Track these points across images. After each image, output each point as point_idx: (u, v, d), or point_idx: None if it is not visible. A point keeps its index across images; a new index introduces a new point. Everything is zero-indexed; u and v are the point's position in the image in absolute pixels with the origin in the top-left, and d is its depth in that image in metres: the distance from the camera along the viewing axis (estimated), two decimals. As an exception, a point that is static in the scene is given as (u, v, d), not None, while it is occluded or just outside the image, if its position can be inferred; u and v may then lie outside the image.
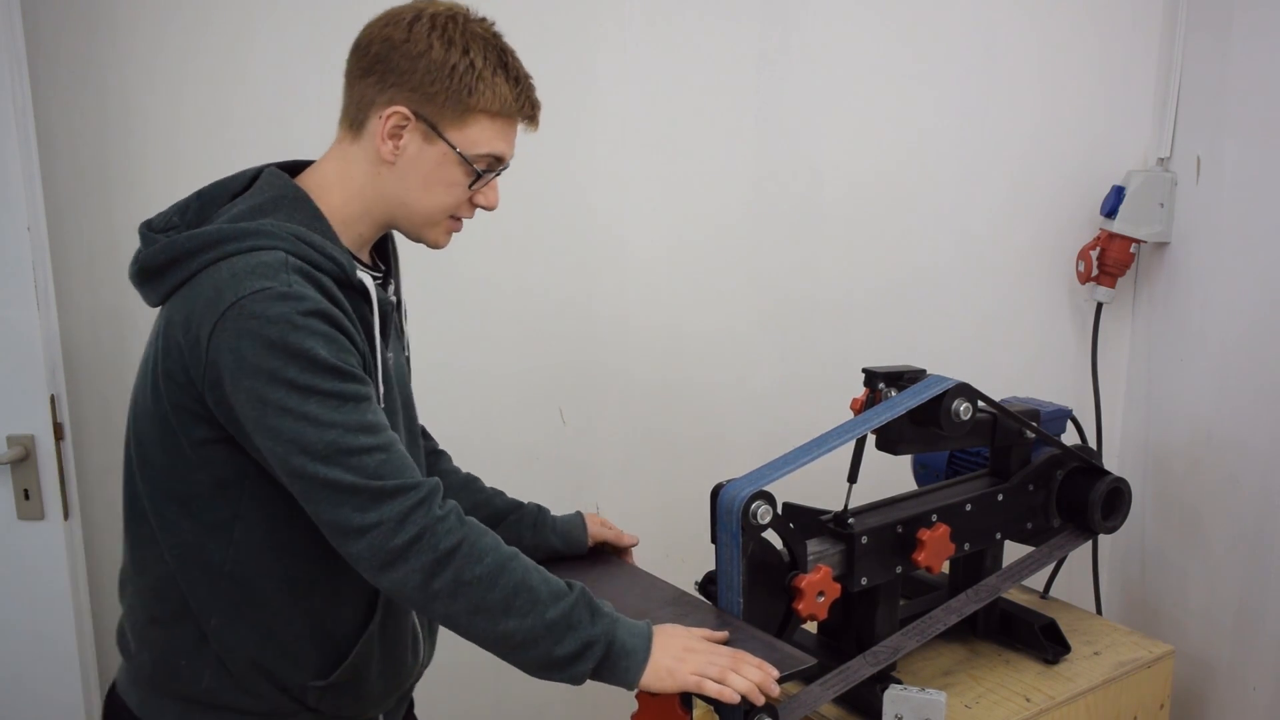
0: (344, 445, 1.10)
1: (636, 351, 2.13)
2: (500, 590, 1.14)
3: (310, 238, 1.17)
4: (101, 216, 1.87)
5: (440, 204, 1.24)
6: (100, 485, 1.95)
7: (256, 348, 1.09)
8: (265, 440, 1.12)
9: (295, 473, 1.11)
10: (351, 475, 1.10)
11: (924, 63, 2.16)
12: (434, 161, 1.21)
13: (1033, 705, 1.61)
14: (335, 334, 1.13)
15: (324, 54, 1.87)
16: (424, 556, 1.12)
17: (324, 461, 1.10)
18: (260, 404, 1.10)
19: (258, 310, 1.09)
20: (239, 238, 1.15)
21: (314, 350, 1.10)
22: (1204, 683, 2.09)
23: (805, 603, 1.46)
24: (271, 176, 1.24)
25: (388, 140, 1.21)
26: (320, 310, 1.12)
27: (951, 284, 2.27)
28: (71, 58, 1.81)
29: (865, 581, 1.55)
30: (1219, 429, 2.06)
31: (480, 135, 1.22)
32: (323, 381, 1.10)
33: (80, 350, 1.90)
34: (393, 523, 1.11)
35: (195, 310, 1.13)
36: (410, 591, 1.13)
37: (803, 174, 2.14)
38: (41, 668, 1.85)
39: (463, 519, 1.15)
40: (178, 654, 1.23)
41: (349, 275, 1.19)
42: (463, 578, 1.13)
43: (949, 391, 1.54)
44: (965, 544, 1.65)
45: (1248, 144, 1.99)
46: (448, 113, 1.20)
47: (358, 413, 1.12)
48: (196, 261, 1.15)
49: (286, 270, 1.12)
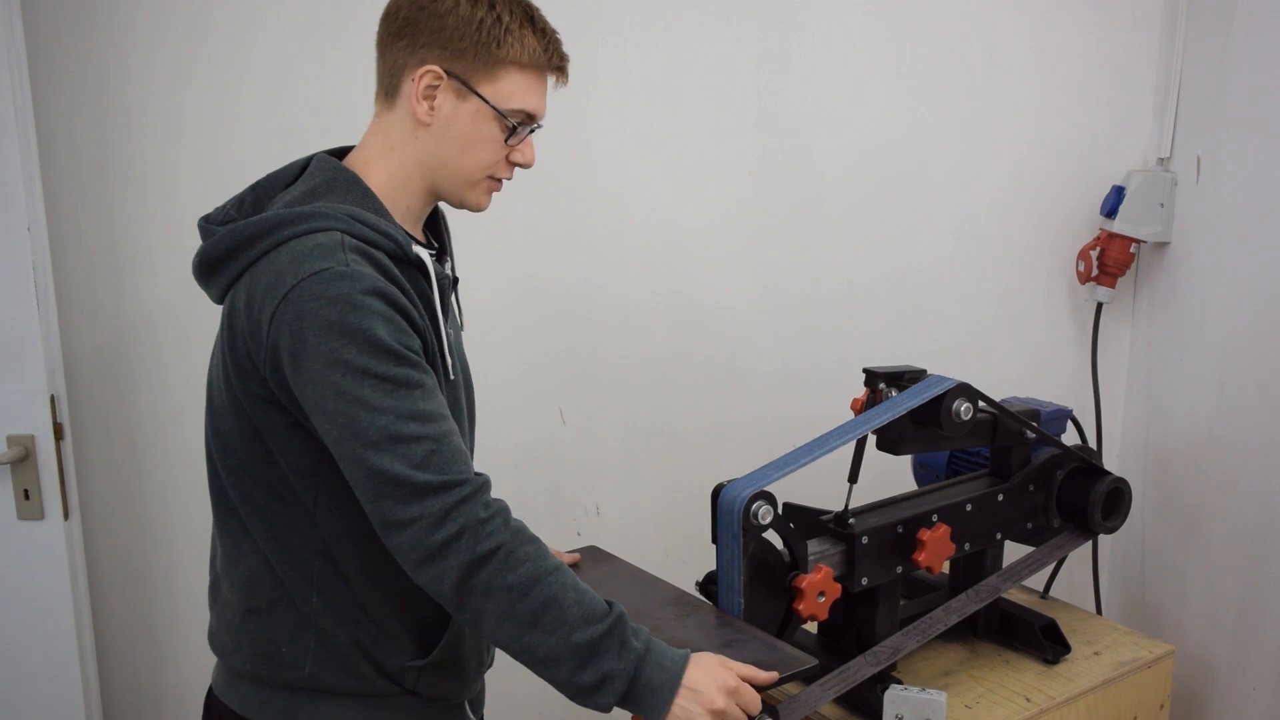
0: (394, 432, 1.10)
1: (637, 351, 2.13)
2: (530, 602, 1.12)
3: (365, 216, 1.18)
4: (101, 216, 1.87)
5: (478, 162, 1.24)
6: (100, 485, 1.95)
7: (316, 329, 1.10)
8: (322, 422, 1.12)
9: (346, 457, 1.12)
10: (398, 464, 1.09)
11: (924, 62, 2.16)
12: (469, 118, 1.22)
13: (1033, 705, 1.61)
14: (394, 314, 1.13)
15: (324, 54, 1.88)
16: (462, 556, 1.11)
17: (373, 448, 1.09)
18: (318, 385, 1.10)
19: (317, 291, 1.10)
20: (295, 221, 1.16)
21: (372, 331, 1.10)
22: (1204, 683, 2.09)
23: (806, 603, 1.46)
24: (321, 162, 1.26)
25: (422, 101, 1.21)
26: (379, 289, 1.12)
27: (951, 283, 2.27)
28: (71, 58, 1.81)
29: (866, 581, 1.55)
30: (1219, 429, 2.06)
31: (512, 88, 1.22)
32: (379, 365, 1.10)
33: (80, 350, 1.90)
34: (433, 518, 1.10)
35: (256, 295, 1.14)
36: (446, 589, 1.12)
37: (802, 174, 2.14)
38: (41, 667, 1.85)
39: (508, 522, 1.14)
40: (278, 641, 1.24)
41: (405, 251, 1.19)
42: (495, 582, 1.11)
43: (949, 391, 1.54)
44: (965, 544, 1.65)
45: (1248, 144, 1.99)
46: (478, 67, 1.20)
47: (410, 399, 1.12)
48: (256, 249, 1.16)
49: (344, 250, 1.13)
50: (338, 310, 1.09)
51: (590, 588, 1.17)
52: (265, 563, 1.24)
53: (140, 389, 1.94)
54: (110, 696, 2.02)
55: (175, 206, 1.88)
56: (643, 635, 1.18)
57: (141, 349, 1.92)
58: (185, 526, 1.99)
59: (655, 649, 1.17)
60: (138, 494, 1.97)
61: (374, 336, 1.10)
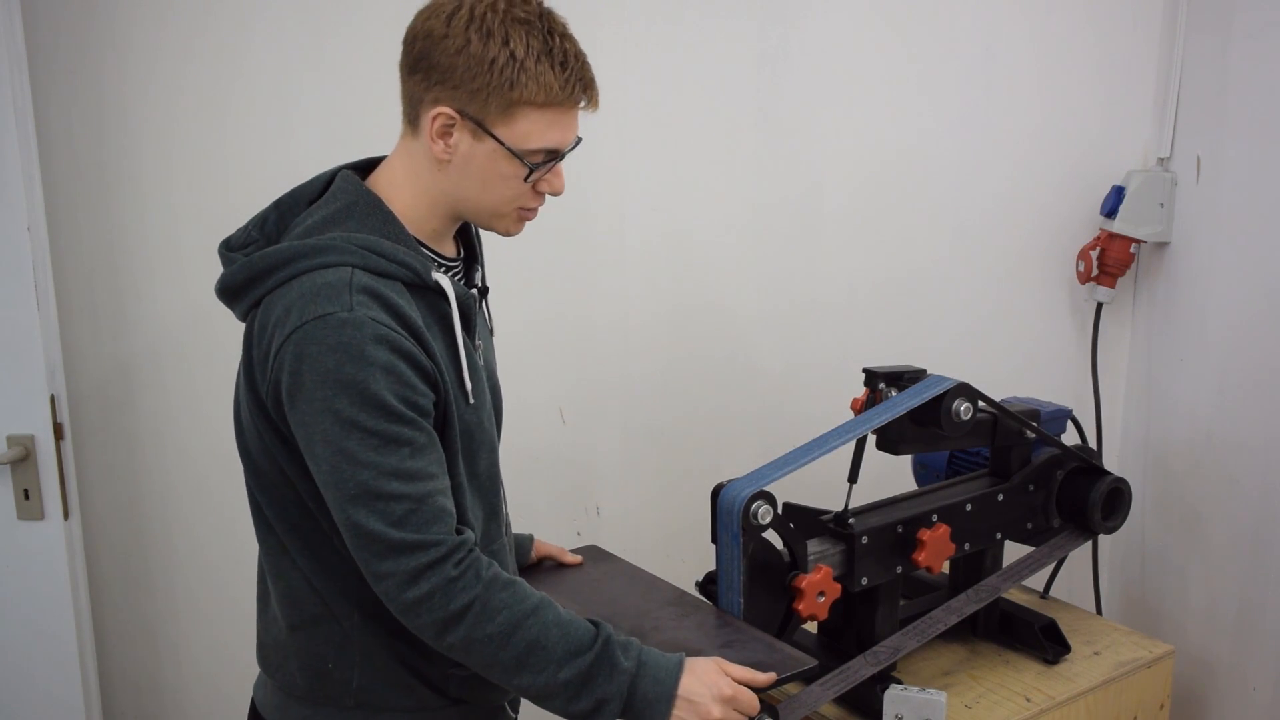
0: (373, 488, 1.10)
1: (636, 351, 2.13)
2: (513, 649, 1.14)
3: (381, 246, 1.16)
4: (101, 216, 1.87)
5: (500, 197, 1.22)
6: (100, 485, 1.95)
7: (313, 374, 1.10)
8: (311, 465, 1.14)
9: (330, 503, 1.13)
10: (373, 521, 1.10)
11: (924, 62, 2.16)
12: (486, 158, 1.19)
13: (1033, 705, 1.61)
14: (397, 362, 1.12)
15: (322, 54, 1.88)
16: (434, 614, 1.12)
17: (352, 501, 1.10)
18: (309, 429, 1.11)
19: (318, 336, 1.10)
20: (308, 255, 1.15)
21: (367, 384, 1.10)
22: (1204, 683, 2.09)
23: (805, 603, 1.46)
24: (344, 181, 1.24)
25: (438, 140, 1.18)
26: (383, 336, 1.11)
27: (951, 283, 2.27)
28: (71, 58, 1.81)
29: (865, 581, 1.55)
30: (1219, 429, 2.06)
31: (530, 128, 1.18)
32: (368, 419, 1.10)
33: (80, 350, 1.90)
34: (404, 576, 1.11)
35: (267, 328, 1.15)
36: (427, 639, 1.15)
37: (802, 174, 2.14)
38: (41, 668, 1.85)
39: (480, 575, 1.14)
40: (324, 657, 1.24)
41: (424, 279, 1.18)
42: (474, 636, 1.13)
43: (949, 391, 1.54)
44: (965, 544, 1.65)
45: (1248, 144, 1.99)
46: (492, 108, 1.16)
47: (397, 456, 1.11)
48: (272, 279, 1.16)
49: (351, 291, 1.12)
50: (335, 359, 1.09)
51: (574, 615, 1.18)
52: (305, 580, 1.24)
53: (140, 389, 1.94)
54: (110, 696, 2.02)
55: (174, 206, 1.88)
56: (633, 651, 1.18)
57: (141, 349, 1.92)
58: (185, 526, 1.99)
59: (647, 664, 1.18)
60: (138, 494, 1.97)
61: (368, 390, 1.10)
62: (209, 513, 1.99)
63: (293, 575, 1.24)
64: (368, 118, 1.90)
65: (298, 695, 1.27)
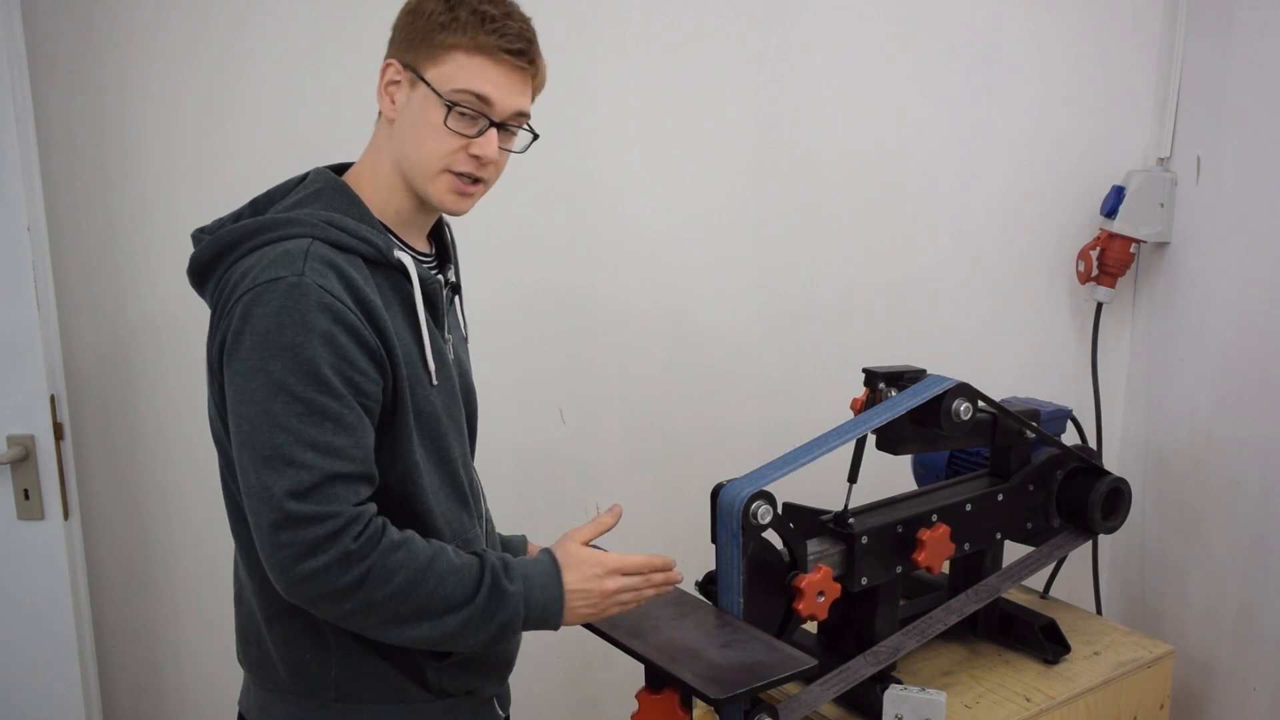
0: (286, 454, 1.09)
1: (636, 351, 2.13)
2: (411, 604, 1.14)
3: (343, 222, 1.18)
4: (101, 216, 1.87)
5: (429, 151, 1.21)
6: (100, 485, 1.95)
7: (253, 335, 1.11)
8: (232, 425, 1.13)
9: (240, 465, 1.12)
10: (278, 487, 1.09)
11: (924, 62, 2.16)
12: (419, 106, 1.21)
13: (1033, 705, 1.61)
14: (338, 333, 1.12)
15: (322, 54, 1.88)
16: (328, 586, 1.10)
17: (262, 462, 1.10)
18: (238, 389, 1.12)
19: (265, 298, 1.11)
20: (272, 228, 1.17)
21: (302, 350, 1.10)
22: (1204, 683, 2.09)
23: (805, 602, 1.46)
24: (315, 174, 1.28)
25: (384, 95, 1.23)
26: (326, 304, 1.12)
27: (951, 284, 2.27)
28: (71, 58, 1.81)
29: (865, 581, 1.55)
30: (1219, 429, 2.06)
31: (456, 71, 1.19)
32: (297, 384, 1.10)
33: (80, 350, 1.90)
34: (301, 548, 1.09)
35: (224, 296, 1.16)
36: (319, 611, 1.15)
37: (802, 173, 2.14)
38: (41, 668, 1.85)
39: (376, 542, 1.12)
40: (301, 648, 1.24)
41: (385, 255, 1.19)
42: (372, 599, 1.12)
43: (949, 391, 1.54)
44: (965, 544, 1.65)
45: (1248, 144, 1.99)
46: (423, 52, 1.20)
47: (319, 429, 1.10)
48: (237, 252, 1.18)
49: (305, 259, 1.13)
50: (276, 321, 1.10)
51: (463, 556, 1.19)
52: None
53: (140, 389, 1.94)
54: (110, 696, 2.02)
55: (174, 206, 1.88)
56: (515, 571, 1.21)
57: (141, 349, 1.92)
58: (185, 526, 2.00)
59: (530, 576, 1.21)
60: (138, 494, 1.97)
61: (302, 356, 1.10)
62: (209, 512, 1.98)
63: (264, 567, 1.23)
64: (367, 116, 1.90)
65: (281, 689, 1.27)
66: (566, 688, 2.22)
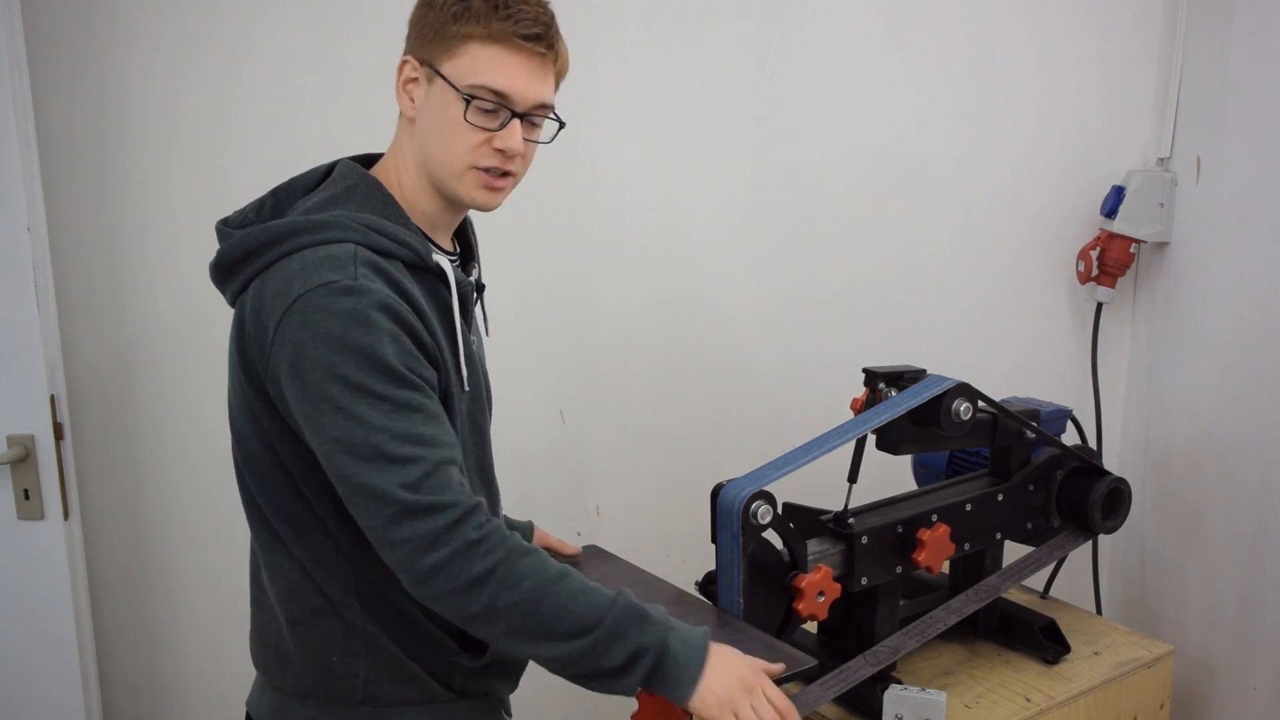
0: (386, 451, 1.07)
1: (636, 351, 2.13)
2: (539, 617, 1.11)
3: (383, 225, 1.16)
4: (101, 216, 1.87)
5: (453, 149, 1.19)
6: (100, 485, 1.95)
7: (317, 342, 1.08)
8: (314, 438, 1.11)
9: (338, 473, 1.10)
10: (388, 484, 1.07)
11: (924, 62, 2.16)
12: (438, 102, 1.18)
13: (1033, 705, 1.61)
14: (400, 333, 1.11)
15: (323, 54, 1.88)
16: (455, 580, 1.08)
17: (365, 463, 1.07)
18: (313, 399, 1.09)
19: (322, 303, 1.08)
20: (310, 230, 1.14)
21: (374, 348, 1.08)
22: (1204, 683, 2.09)
23: (805, 603, 1.46)
24: (344, 168, 1.24)
25: (403, 94, 1.20)
26: (387, 305, 1.10)
27: (951, 283, 2.27)
28: (71, 58, 1.81)
29: (865, 581, 1.55)
30: (1219, 428, 2.06)
31: (472, 64, 1.16)
32: (377, 382, 1.08)
33: (80, 350, 1.90)
34: (423, 540, 1.07)
35: (265, 302, 1.13)
36: (446, 610, 1.11)
37: (802, 174, 2.14)
38: (41, 668, 1.85)
39: (503, 540, 1.11)
40: (327, 652, 1.22)
41: (424, 259, 1.18)
42: (498, 603, 1.09)
43: (949, 391, 1.54)
44: (965, 544, 1.65)
45: (1248, 144, 1.99)
46: (438, 45, 1.17)
47: (408, 421, 1.09)
48: (271, 253, 1.14)
49: (355, 263, 1.11)
50: (340, 324, 1.08)
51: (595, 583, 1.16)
52: (303, 571, 1.21)
53: (140, 389, 1.94)
54: (110, 697, 2.02)
55: (175, 206, 1.88)
56: (658, 610, 1.17)
57: (141, 349, 1.92)
58: (185, 526, 1.99)
59: (675, 626, 1.16)
60: (138, 494, 1.97)
61: (376, 354, 1.08)
62: (209, 513, 1.99)
63: (289, 568, 1.22)
64: (369, 117, 1.90)
65: (301, 693, 1.25)
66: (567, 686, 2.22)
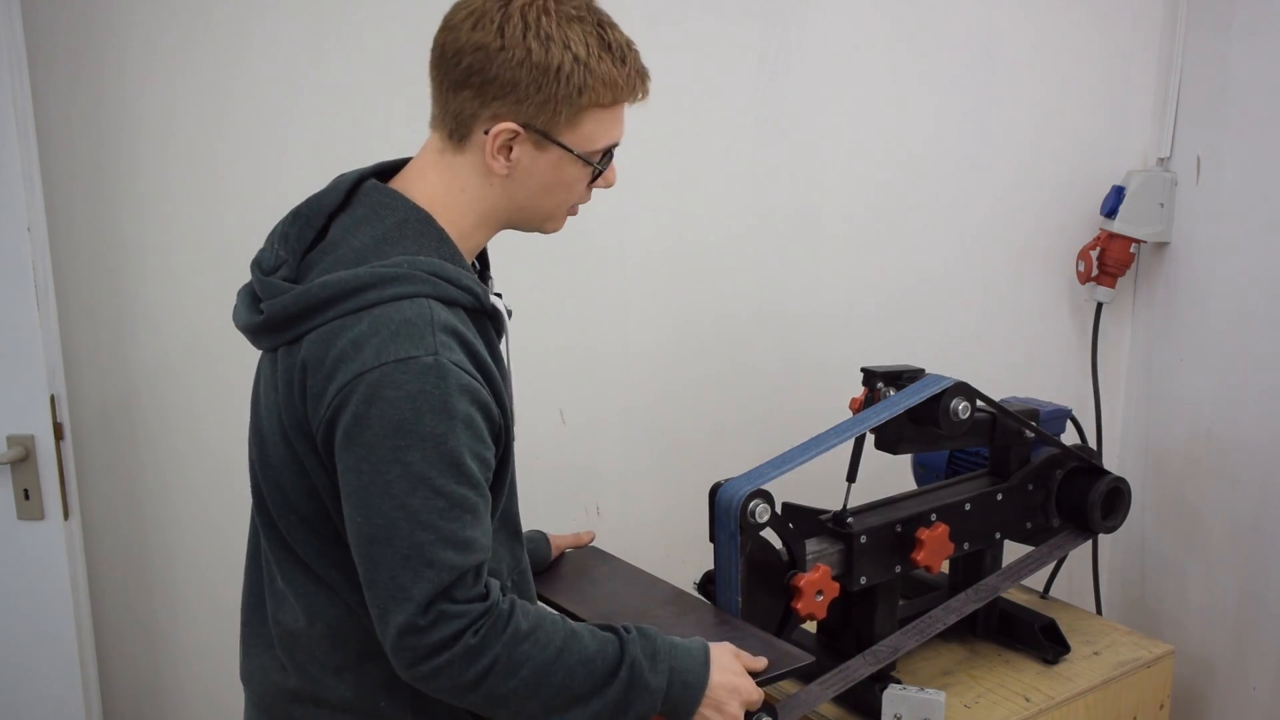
0: (427, 554, 1.03)
1: (636, 351, 2.13)
2: (540, 698, 1.09)
3: (446, 271, 1.10)
4: (101, 216, 1.87)
5: (559, 202, 1.19)
6: (100, 485, 1.95)
7: (384, 420, 1.02)
8: (354, 511, 1.06)
9: (372, 558, 1.05)
10: (419, 588, 1.03)
11: (924, 62, 2.16)
12: (549, 166, 1.15)
13: (1032, 705, 1.61)
14: (475, 415, 1.06)
15: (322, 54, 1.88)
16: (452, 681, 1.06)
17: (403, 562, 1.03)
18: (367, 476, 1.04)
19: (399, 380, 1.03)
20: (378, 285, 1.07)
21: (446, 439, 1.04)
22: (1204, 683, 2.09)
23: (804, 602, 1.46)
24: (381, 195, 1.15)
25: (498, 156, 1.13)
26: (465, 386, 1.05)
27: (951, 283, 2.26)
28: (70, 58, 1.81)
29: (864, 580, 1.55)
30: (1219, 429, 2.06)
31: (595, 129, 1.14)
32: (439, 477, 1.04)
33: (80, 350, 1.90)
34: (426, 649, 1.05)
35: (329, 360, 1.06)
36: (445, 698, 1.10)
37: (802, 174, 2.14)
38: (41, 668, 1.85)
39: (499, 635, 1.07)
40: (375, 697, 1.18)
41: (484, 304, 1.14)
42: (496, 693, 1.08)
43: (947, 390, 1.54)
44: (965, 543, 1.65)
45: (1248, 144, 1.99)
46: (560, 118, 1.11)
47: (459, 524, 1.05)
48: (333, 311, 1.08)
49: (434, 331, 1.05)
50: (414, 408, 1.02)
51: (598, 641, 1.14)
52: (351, 615, 1.16)
53: (140, 389, 1.94)
54: (110, 696, 2.02)
55: (174, 207, 1.88)
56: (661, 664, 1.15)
57: (141, 349, 1.93)
58: (185, 526, 2.00)
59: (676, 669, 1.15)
60: (138, 494, 1.97)
61: (445, 446, 1.03)
62: (209, 513, 1.99)
63: (333, 612, 1.16)
64: (367, 118, 1.90)
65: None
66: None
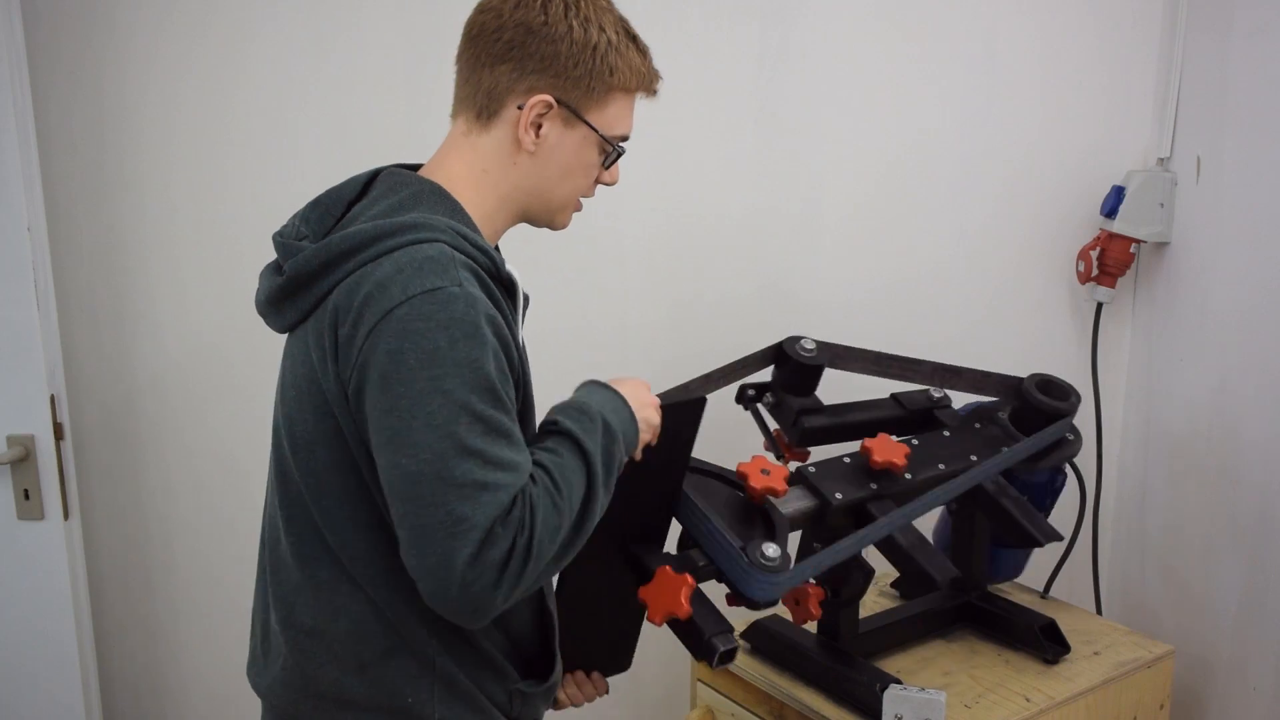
0: (479, 478, 1.01)
1: (636, 351, 2.13)
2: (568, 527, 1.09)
3: (463, 230, 1.11)
4: (101, 216, 1.87)
5: (576, 188, 1.22)
6: (100, 485, 1.95)
7: (420, 352, 1.01)
8: (396, 454, 1.03)
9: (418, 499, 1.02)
10: (481, 513, 1.01)
11: (924, 62, 2.16)
12: (574, 146, 1.18)
13: (1032, 705, 1.61)
14: (499, 348, 1.06)
15: (323, 55, 1.88)
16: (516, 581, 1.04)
17: (456, 491, 1.01)
18: (405, 413, 1.02)
19: (428, 311, 1.02)
20: (396, 232, 1.07)
21: (481, 364, 1.03)
22: (1204, 683, 2.09)
23: (755, 479, 1.47)
24: (397, 176, 1.18)
25: (529, 130, 1.15)
26: (491, 316, 1.06)
27: (950, 283, 2.27)
28: (71, 58, 1.81)
29: (840, 497, 1.52)
30: (1219, 428, 2.06)
31: (618, 114, 1.20)
32: (479, 402, 1.03)
33: (80, 350, 1.90)
34: (493, 568, 1.02)
35: (354, 307, 1.05)
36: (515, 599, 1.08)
37: (802, 174, 2.14)
38: (41, 668, 1.85)
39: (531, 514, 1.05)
40: (401, 694, 1.16)
41: (500, 270, 1.14)
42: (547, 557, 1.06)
43: None
44: (940, 464, 1.61)
45: (1248, 144, 1.99)
46: (591, 95, 1.16)
47: (498, 446, 1.04)
48: (353, 261, 1.08)
49: (456, 266, 1.05)
50: (448, 335, 1.02)
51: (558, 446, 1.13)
52: (374, 610, 1.15)
53: (140, 389, 1.94)
54: (110, 697, 2.02)
55: (175, 206, 1.88)
56: (593, 412, 1.15)
57: (142, 349, 1.93)
58: (185, 526, 2.00)
59: (606, 413, 1.16)
60: (138, 494, 1.98)
61: (482, 370, 1.03)
62: (209, 513, 1.99)
63: (359, 608, 1.15)
64: (368, 116, 1.90)
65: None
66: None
